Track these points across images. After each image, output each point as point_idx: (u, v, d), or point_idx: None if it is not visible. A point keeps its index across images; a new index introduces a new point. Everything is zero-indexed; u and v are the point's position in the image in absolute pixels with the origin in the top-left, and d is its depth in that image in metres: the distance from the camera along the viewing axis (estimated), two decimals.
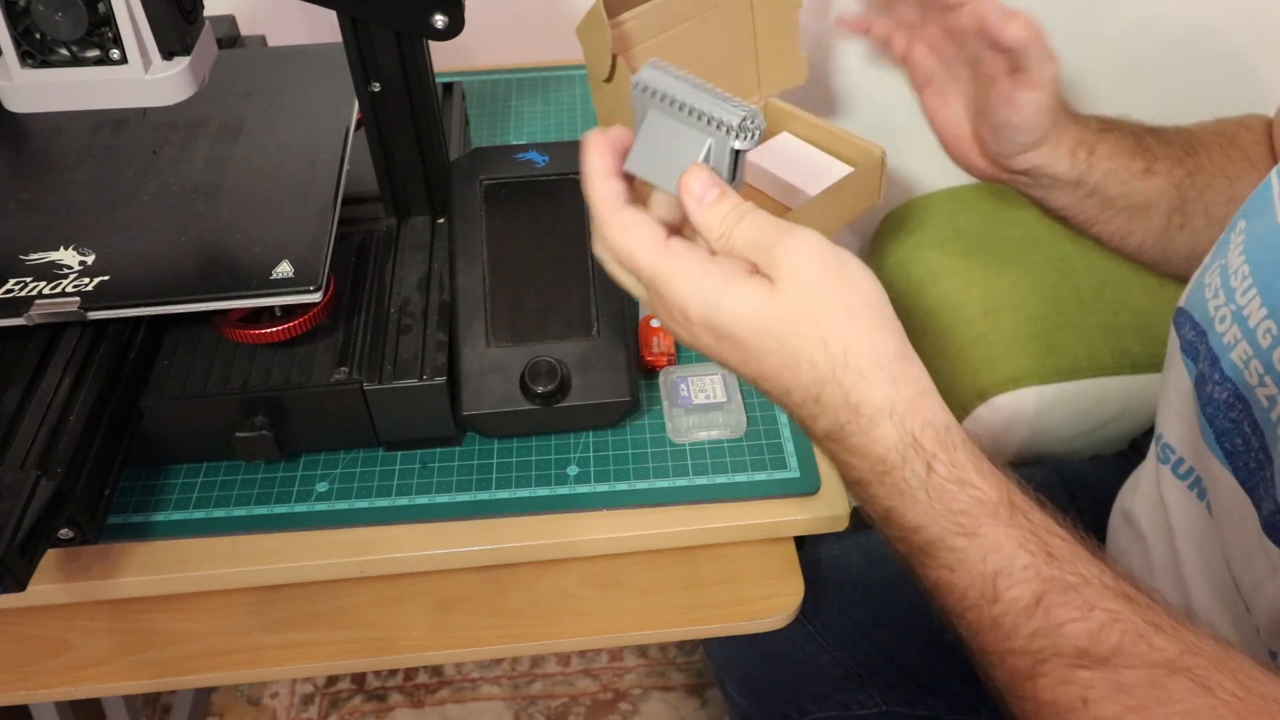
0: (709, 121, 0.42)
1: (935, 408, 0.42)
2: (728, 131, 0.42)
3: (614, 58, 0.69)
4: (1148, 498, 0.58)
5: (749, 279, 0.41)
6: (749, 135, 0.42)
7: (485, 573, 0.59)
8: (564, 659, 1.24)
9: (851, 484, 0.44)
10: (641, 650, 1.24)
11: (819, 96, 1.07)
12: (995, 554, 0.40)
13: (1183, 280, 0.60)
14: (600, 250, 0.45)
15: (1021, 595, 0.39)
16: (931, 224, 1.04)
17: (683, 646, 1.25)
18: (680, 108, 0.43)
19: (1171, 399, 0.54)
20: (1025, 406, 1.00)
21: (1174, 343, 0.54)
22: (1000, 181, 0.63)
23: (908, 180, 1.14)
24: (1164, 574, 0.56)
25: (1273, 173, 0.50)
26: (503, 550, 0.53)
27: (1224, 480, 0.48)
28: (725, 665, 0.80)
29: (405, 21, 0.53)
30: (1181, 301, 0.54)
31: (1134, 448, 0.87)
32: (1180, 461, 0.53)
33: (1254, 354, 0.45)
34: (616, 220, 0.43)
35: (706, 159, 0.43)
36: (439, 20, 0.52)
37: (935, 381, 0.44)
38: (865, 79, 1.07)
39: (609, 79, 0.70)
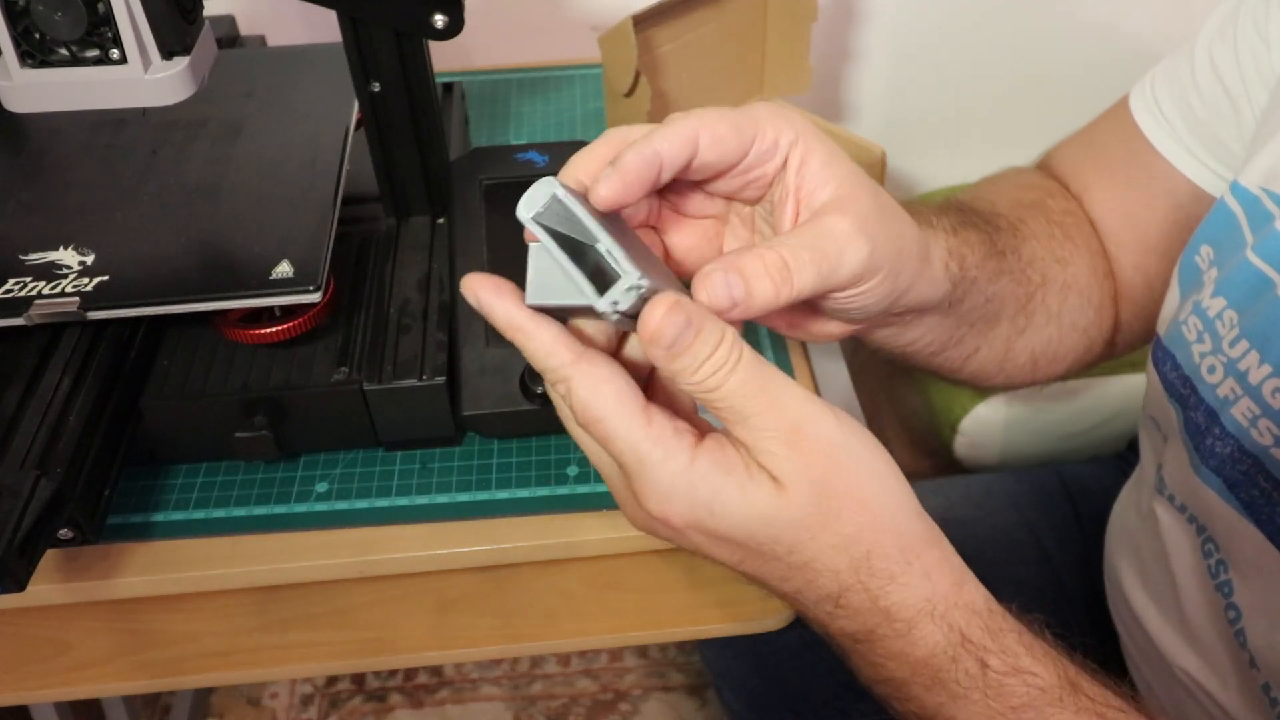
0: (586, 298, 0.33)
1: (975, 592, 0.37)
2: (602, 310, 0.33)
3: (637, 74, 0.69)
4: (1144, 519, 0.57)
5: (750, 480, 0.34)
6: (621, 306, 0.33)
7: (485, 573, 0.59)
8: (564, 659, 1.24)
9: (879, 683, 0.38)
10: (641, 650, 1.24)
11: (824, 102, 1.07)
12: None
13: (1020, 388, 0.56)
14: (559, 404, 0.37)
15: None
16: None
17: (683, 646, 1.25)
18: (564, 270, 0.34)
19: (1166, 435, 0.53)
20: (1023, 405, 1.00)
21: (1155, 379, 0.52)
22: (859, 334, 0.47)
23: (907, 179, 1.14)
24: (1165, 603, 0.55)
25: (1227, 192, 0.48)
26: (503, 550, 0.53)
27: (1244, 531, 0.46)
28: (722, 672, 0.79)
29: (405, 21, 0.53)
30: (1160, 330, 0.52)
31: (1132, 448, 0.87)
32: (1173, 496, 0.53)
33: (1262, 413, 0.44)
34: (584, 373, 0.34)
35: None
36: (439, 20, 0.52)
37: (934, 382, 0.43)
38: (871, 90, 1.07)
39: (629, 94, 0.70)
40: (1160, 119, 0.55)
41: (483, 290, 0.35)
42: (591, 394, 0.34)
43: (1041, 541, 0.74)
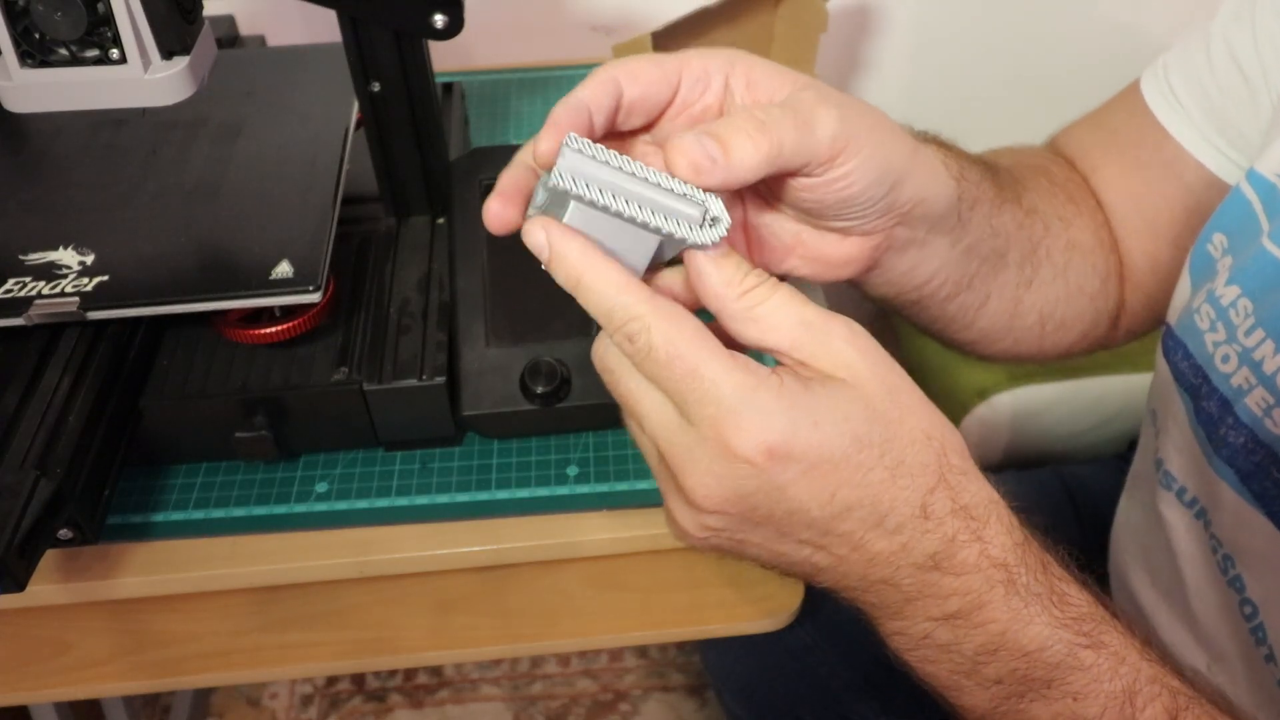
0: (661, 229, 0.33)
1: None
2: (684, 239, 0.34)
3: None
4: (1148, 516, 0.57)
5: (829, 386, 0.33)
6: (713, 235, 0.34)
7: (485, 573, 0.58)
8: (564, 659, 1.24)
9: (943, 622, 0.35)
10: (641, 650, 1.25)
11: None
12: (1123, 666, 0.35)
13: (1027, 362, 0.55)
14: (613, 356, 0.35)
15: (1157, 716, 0.34)
16: None
17: (683, 647, 1.25)
18: (621, 215, 0.33)
19: (1169, 428, 0.52)
20: (1025, 405, 1.00)
21: (1164, 368, 0.52)
22: (868, 277, 0.45)
23: None
24: (1174, 601, 0.55)
25: (1243, 179, 0.48)
26: (503, 550, 0.53)
27: (1256, 524, 0.45)
28: (723, 675, 0.79)
29: (405, 21, 0.53)
30: (1172, 319, 0.51)
31: (1134, 448, 0.87)
32: (1184, 490, 0.52)
33: (1276, 402, 0.44)
34: (662, 308, 0.33)
35: (659, 256, 0.35)
36: (439, 20, 0.52)
37: (936, 380, 0.42)
38: (881, 99, 1.08)
39: None
40: (1174, 104, 0.54)
41: (553, 230, 0.33)
42: (675, 329, 0.32)
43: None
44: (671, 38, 0.71)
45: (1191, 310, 0.49)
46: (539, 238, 0.34)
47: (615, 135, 0.39)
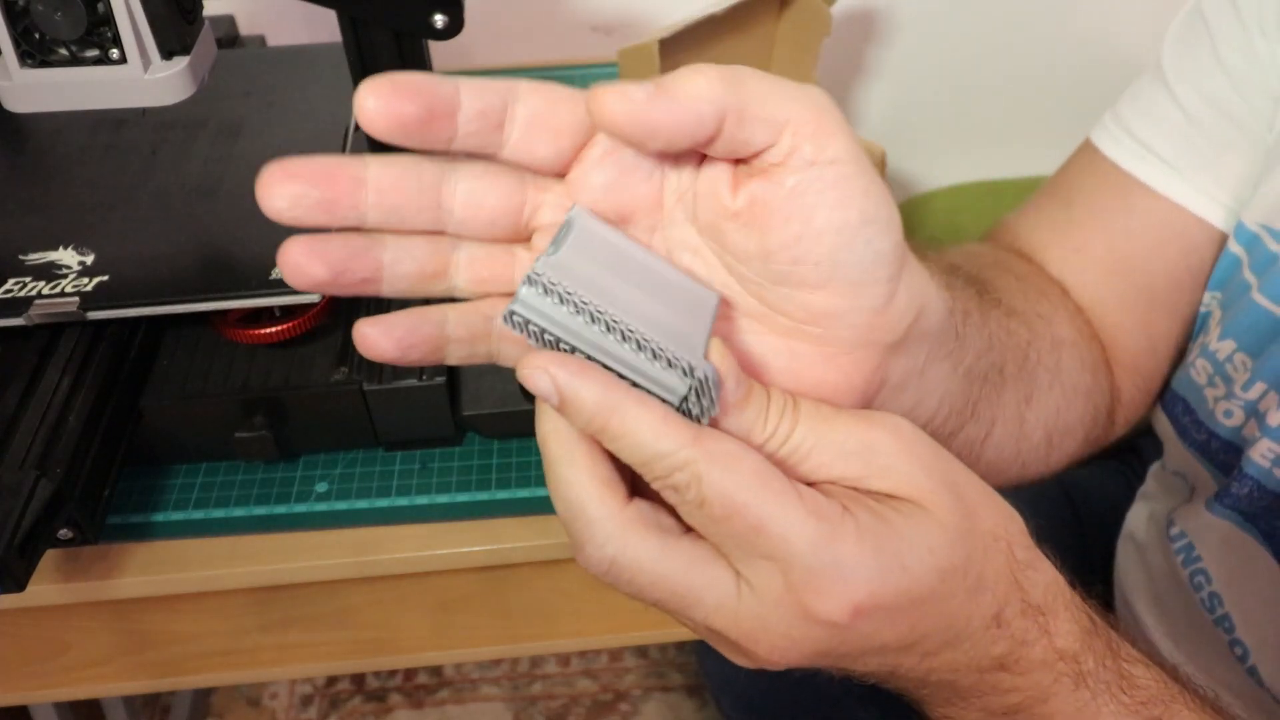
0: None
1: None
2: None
3: None
4: (1149, 541, 0.56)
5: (900, 504, 0.29)
6: (702, 411, 0.27)
7: (485, 573, 0.58)
8: (564, 659, 1.24)
9: (995, 716, 0.33)
10: (641, 650, 1.25)
11: None
12: None
13: (1033, 485, 0.49)
14: (635, 543, 0.30)
15: None
16: (931, 222, 1.04)
17: (683, 647, 1.25)
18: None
19: (1181, 483, 0.52)
20: None
21: (1166, 424, 0.50)
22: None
23: (908, 179, 1.14)
24: (1172, 623, 0.55)
25: (1232, 239, 0.47)
26: (503, 550, 0.53)
27: (1261, 561, 0.44)
28: (721, 683, 0.79)
29: (405, 21, 0.53)
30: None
31: (1133, 449, 0.87)
32: (1171, 523, 0.52)
33: None
34: (713, 452, 0.27)
35: None
36: (439, 20, 0.52)
37: None
38: (872, 96, 1.08)
39: None
40: (1160, 163, 0.50)
41: (560, 370, 0.26)
42: (730, 476, 0.27)
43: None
44: (678, 43, 0.70)
45: (1187, 365, 0.48)
46: (543, 385, 0.27)
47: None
